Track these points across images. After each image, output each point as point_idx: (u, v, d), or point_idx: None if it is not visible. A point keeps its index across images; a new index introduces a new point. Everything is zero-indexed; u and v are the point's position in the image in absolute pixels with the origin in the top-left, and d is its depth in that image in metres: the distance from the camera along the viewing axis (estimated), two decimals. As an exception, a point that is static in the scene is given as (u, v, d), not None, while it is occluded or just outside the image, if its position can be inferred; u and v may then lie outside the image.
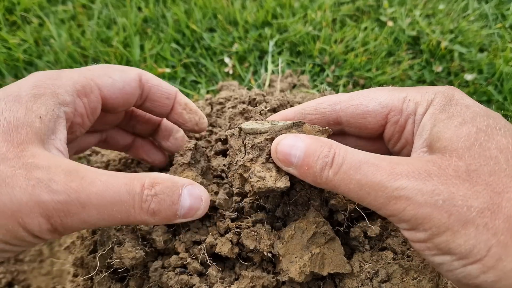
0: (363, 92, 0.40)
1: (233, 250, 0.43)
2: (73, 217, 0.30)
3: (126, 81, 0.42)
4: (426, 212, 0.28)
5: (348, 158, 0.32)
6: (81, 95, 0.38)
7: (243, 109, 0.55)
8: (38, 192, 0.29)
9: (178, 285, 0.43)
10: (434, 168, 0.30)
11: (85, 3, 1.09)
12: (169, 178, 0.34)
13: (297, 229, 0.42)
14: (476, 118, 0.32)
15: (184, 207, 0.34)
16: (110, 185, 0.31)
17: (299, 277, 0.39)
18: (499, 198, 0.28)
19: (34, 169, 0.29)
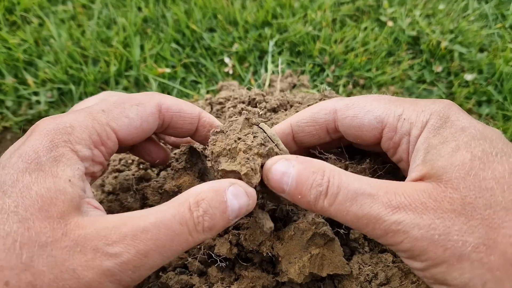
0: (359, 102, 0.39)
1: (232, 251, 0.43)
2: (140, 269, 0.30)
3: (143, 118, 0.39)
4: (422, 245, 0.29)
5: (343, 187, 0.31)
6: (98, 145, 0.36)
7: (242, 109, 0.55)
8: (99, 263, 0.28)
9: (178, 285, 0.43)
10: (430, 200, 0.30)
11: (85, 3, 1.10)
12: (209, 188, 0.33)
13: (297, 230, 0.42)
14: (471, 143, 0.31)
15: (235, 210, 0.33)
16: (162, 224, 0.30)
17: (298, 278, 0.39)
18: (495, 233, 0.28)
19: (85, 241, 0.29)
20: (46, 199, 0.29)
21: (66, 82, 0.92)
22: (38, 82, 0.92)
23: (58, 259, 0.28)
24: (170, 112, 0.41)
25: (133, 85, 0.94)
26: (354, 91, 0.94)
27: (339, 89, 0.94)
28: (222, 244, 0.43)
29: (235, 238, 0.44)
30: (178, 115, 0.42)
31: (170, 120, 0.42)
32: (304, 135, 0.42)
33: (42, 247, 0.28)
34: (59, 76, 0.92)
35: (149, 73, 0.94)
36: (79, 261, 0.28)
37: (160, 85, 0.94)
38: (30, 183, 0.30)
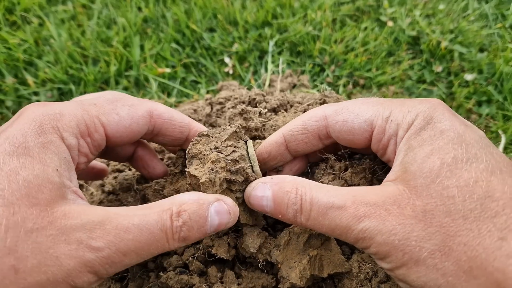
0: (349, 106, 0.39)
1: (230, 253, 0.43)
2: (117, 265, 0.31)
3: (133, 119, 0.40)
4: (385, 250, 0.31)
5: (314, 203, 0.34)
6: (84, 136, 0.36)
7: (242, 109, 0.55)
8: (81, 253, 0.29)
9: (178, 285, 0.43)
10: (394, 207, 0.31)
11: (85, 3, 1.10)
12: (194, 200, 0.34)
13: (292, 234, 0.42)
14: (445, 148, 0.32)
15: (214, 225, 0.35)
16: (144, 228, 0.31)
17: (300, 282, 0.39)
18: (451, 240, 0.29)
19: (70, 231, 0.30)
20: (34, 186, 0.30)
21: (66, 82, 0.92)
22: (38, 82, 0.92)
23: (42, 245, 0.28)
24: (161, 119, 0.42)
25: (133, 85, 0.94)
26: (354, 91, 0.94)
27: (339, 89, 0.94)
28: (220, 245, 0.43)
29: (233, 240, 0.44)
30: (168, 123, 0.43)
31: (160, 127, 0.43)
32: (297, 143, 0.42)
33: (27, 233, 0.28)
34: (59, 76, 0.92)
35: (149, 73, 0.94)
36: (63, 250, 0.29)
37: (160, 85, 0.94)
38: (18, 167, 0.30)
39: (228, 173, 0.39)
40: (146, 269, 0.47)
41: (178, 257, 0.44)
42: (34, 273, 0.28)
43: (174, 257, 0.44)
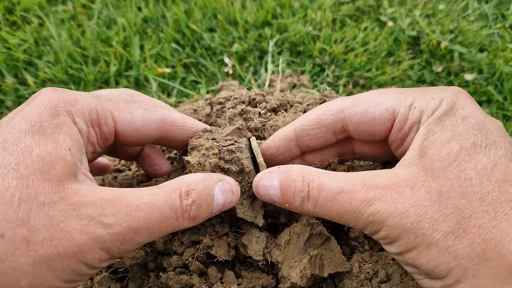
0: (366, 97, 0.39)
1: (230, 253, 0.43)
2: (128, 243, 0.31)
3: (146, 121, 0.40)
4: (396, 233, 0.30)
5: (323, 189, 0.34)
6: (94, 125, 0.37)
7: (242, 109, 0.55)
8: (93, 229, 0.30)
9: (178, 285, 0.43)
10: (407, 189, 0.31)
11: (85, 3, 1.10)
12: (200, 180, 0.35)
13: (292, 233, 0.42)
14: (465, 134, 0.32)
15: (219, 204, 0.36)
16: (154, 205, 0.32)
17: (301, 281, 0.39)
18: (466, 222, 0.29)
19: (81, 207, 0.30)
20: (47, 162, 0.31)
21: (66, 82, 0.92)
22: (38, 82, 0.92)
23: (54, 219, 0.29)
24: (174, 126, 0.43)
25: (133, 85, 0.94)
26: (354, 91, 0.94)
27: (339, 89, 0.94)
28: (220, 245, 0.43)
29: (233, 240, 0.44)
30: (182, 129, 0.43)
31: (173, 133, 0.43)
32: (310, 138, 0.42)
33: (39, 206, 0.29)
34: (59, 76, 0.92)
35: (149, 73, 0.94)
36: (74, 225, 0.29)
37: (160, 85, 0.94)
38: (32, 144, 0.31)
39: (222, 161, 0.39)
40: (146, 269, 0.47)
41: (178, 257, 0.44)
42: (45, 246, 0.28)
43: (174, 257, 0.44)
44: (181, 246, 0.45)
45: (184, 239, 0.45)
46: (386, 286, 0.40)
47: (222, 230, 0.44)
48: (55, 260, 0.29)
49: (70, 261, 0.29)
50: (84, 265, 0.30)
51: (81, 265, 0.30)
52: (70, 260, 0.29)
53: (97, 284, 0.46)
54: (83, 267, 0.30)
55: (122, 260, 0.42)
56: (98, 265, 0.31)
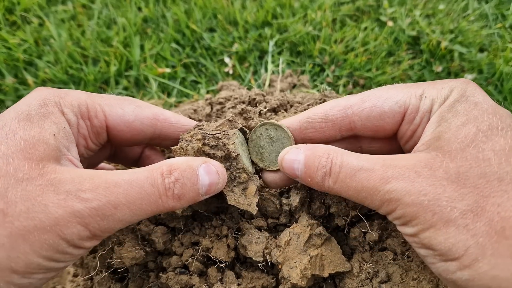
0: (375, 93, 0.39)
1: (229, 255, 0.43)
2: (109, 219, 0.31)
3: (137, 117, 0.41)
4: (413, 211, 0.31)
5: (344, 166, 0.34)
6: (84, 117, 0.38)
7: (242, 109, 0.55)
8: (70, 203, 0.30)
9: (178, 285, 0.43)
10: (425, 169, 0.31)
11: (85, 3, 1.09)
12: (183, 161, 0.36)
13: (292, 234, 0.42)
14: (480, 117, 0.32)
15: (205, 185, 0.36)
16: (134, 182, 0.32)
17: (301, 282, 0.39)
18: (484, 201, 0.29)
19: (59, 183, 0.30)
20: (29, 144, 0.32)
21: (66, 82, 0.92)
22: (38, 82, 0.92)
23: (31, 194, 0.29)
24: (167, 123, 0.43)
25: (133, 85, 0.94)
26: (354, 91, 0.94)
27: (339, 89, 0.94)
28: (219, 247, 0.43)
29: (233, 242, 0.44)
30: (176, 126, 0.43)
31: (167, 131, 0.43)
32: (314, 131, 0.42)
33: (17, 182, 0.30)
34: (59, 76, 0.92)
35: (149, 73, 0.94)
36: (51, 199, 0.30)
37: (160, 85, 0.94)
38: (17, 128, 0.32)
39: (207, 147, 0.39)
40: (146, 269, 0.47)
41: (178, 258, 0.44)
42: (22, 218, 0.29)
43: (174, 257, 0.44)
44: (181, 246, 0.45)
45: (184, 240, 0.45)
46: (387, 286, 0.40)
47: (222, 232, 0.44)
48: (32, 232, 0.29)
49: (47, 234, 0.29)
50: (63, 241, 0.30)
51: (60, 241, 0.30)
52: (47, 233, 0.29)
53: (97, 284, 0.46)
54: (62, 243, 0.30)
55: (122, 260, 0.42)
56: (79, 243, 0.31)
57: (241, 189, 0.41)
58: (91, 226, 0.31)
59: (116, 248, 0.43)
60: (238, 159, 0.40)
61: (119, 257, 0.42)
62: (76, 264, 0.51)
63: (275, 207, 0.45)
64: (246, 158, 0.42)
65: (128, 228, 0.45)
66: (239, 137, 0.42)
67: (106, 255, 0.43)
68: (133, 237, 0.44)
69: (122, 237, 0.44)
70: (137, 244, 0.44)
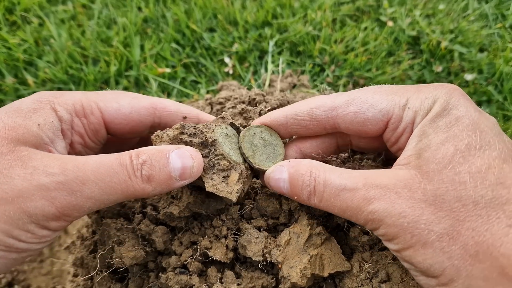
0: (360, 96, 0.39)
1: (228, 255, 0.43)
2: (76, 195, 0.31)
3: (134, 108, 0.41)
4: (394, 231, 0.32)
5: (328, 185, 0.35)
6: (79, 115, 0.38)
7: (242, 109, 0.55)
8: (36, 177, 0.30)
9: (178, 285, 0.43)
10: (405, 190, 0.32)
11: (85, 3, 1.10)
12: (155, 147, 0.37)
13: (292, 234, 0.42)
14: (459, 135, 0.32)
15: (177, 168, 0.35)
16: (102, 161, 0.33)
17: (301, 281, 0.39)
18: (460, 225, 0.30)
19: (28, 160, 0.31)
20: (9, 127, 0.33)
21: (66, 82, 0.92)
22: (38, 82, 0.92)
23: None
24: (166, 111, 0.43)
25: (133, 85, 0.94)
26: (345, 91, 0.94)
27: (339, 89, 0.94)
28: (218, 248, 0.43)
29: (232, 242, 0.44)
30: (175, 115, 0.43)
31: (167, 120, 0.43)
32: (300, 128, 0.42)
33: None
34: (59, 76, 0.92)
35: (149, 73, 0.94)
36: (18, 172, 0.30)
37: (160, 85, 0.94)
38: (4, 117, 0.33)
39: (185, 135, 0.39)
40: (146, 269, 0.47)
41: (177, 258, 0.44)
42: None
43: (173, 257, 0.44)
44: (181, 246, 0.45)
45: (184, 240, 0.45)
46: (387, 286, 0.40)
47: (221, 232, 0.44)
48: None
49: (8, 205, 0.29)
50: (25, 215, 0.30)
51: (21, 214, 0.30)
52: (8, 204, 0.29)
53: (97, 284, 0.46)
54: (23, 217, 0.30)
55: (122, 260, 0.42)
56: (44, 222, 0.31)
57: (222, 177, 0.40)
58: (57, 201, 0.31)
59: (116, 247, 0.43)
60: (216, 145, 0.40)
61: (119, 256, 0.42)
62: (76, 264, 0.51)
63: (275, 207, 0.45)
64: (231, 148, 0.42)
65: (128, 228, 0.45)
66: (224, 129, 0.42)
67: (106, 255, 0.44)
68: (133, 236, 0.44)
69: (122, 237, 0.44)
70: (137, 244, 0.44)
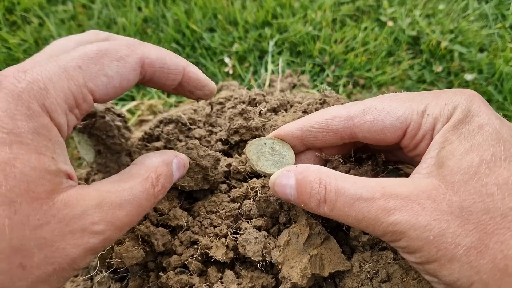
0: (376, 104, 0.38)
1: (228, 255, 0.43)
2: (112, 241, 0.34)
3: (123, 76, 0.36)
4: (418, 245, 0.31)
5: (341, 194, 0.33)
6: (72, 109, 0.33)
7: (242, 109, 0.55)
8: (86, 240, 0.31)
9: (178, 285, 0.43)
10: (428, 202, 0.31)
11: (85, 3, 1.10)
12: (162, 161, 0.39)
13: (292, 234, 0.42)
14: (484, 145, 0.31)
15: (175, 178, 0.41)
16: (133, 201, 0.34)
17: (302, 281, 0.39)
18: (488, 238, 0.29)
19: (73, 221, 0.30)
20: (32, 180, 0.28)
21: (66, 82, 0.92)
22: (38, 82, 0.92)
23: (48, 240, 0.29)
24: (153, 68, 0.39)
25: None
26: (354, 91, 0.94)
27: (339, 89, 0.94)
28: (218, 247, 0.43)
29: (232, 242, 0.44)
30: (160, 71, 0.39)
31: (152, 76, 0.39)
32: (316, 140, 0.41)
33: (31, 231, 0.28)
34: (59, 76, 0.92)
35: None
36: (68, 241, 0.30)
37: (160, 85, 0.94)
38: (12, 159, 0.27)
39: None
40: (146, 269, 0.47)
41: (177, 257, 0.44)
42: (42, 266, 0.29)
43: (174, 257, 0.44)
44: (181, 246, 0.45)
45: (184, 239, 0.45)
46: (387, 286, 0.40)
47: (221, 232, 0.44)
48: (51, 275, 0.29)
49: (65, 272, 0.30)
50: (76, 271, 0.32)
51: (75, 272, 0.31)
52: (65, 272, 0.30)
53: (97, 284, 0.46)
54: (76, 272, 0.32)
55: (122, 260, 0.42)
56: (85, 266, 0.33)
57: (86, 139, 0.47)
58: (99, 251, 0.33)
59: (116, 248, 0.43)
60: None
61: (119, 257, 0.42)
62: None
63: (275, 207, 0.45)
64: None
65: (128, 228, 0.45)
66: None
67: (106, 255, 0.44)
68: (133, 237, 0.44)
69: (122, 237, 0.44)
70: (137, 244, 0.44)
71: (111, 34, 0.41)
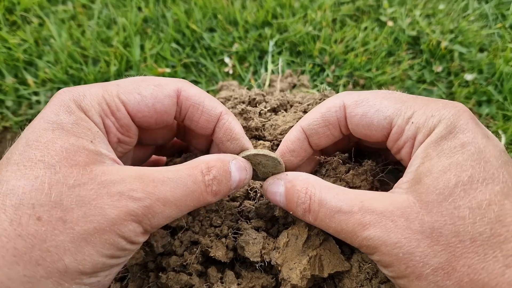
0: (369, 99, 0.38)
1: (228, 255, 0.43)
2: (159, 216, 0.33)
3: (157, 98, 0.38)
4: (389, 260, 0.32)
5: (323, 205, 0.35)
6: (107, 115, 0.37)
7: (242, 109, 0.55)
8: (124, 203, 0.31)
9: (178, 285, 0.43)
10: (402, 219, 0.32)
11: (85, 3, 1.10)
12: (217, 158, 0.38)
13: (291, 235, 0.42)
14: (463, 165, 0.31)
15: (236, 181, 0.39)
16: (178, 180, 0.34)
17: (301, 282, 0.39)
18: (456, 261, 0.29)
19: (111, 185, 0.31)
20: (71, 151, 0.32)
21: (66, 82, 0.92)
22: (38, 82, 0.92)
23: (86, 198, 0.30)
24: (188, 102, 0.40)
25: (133, 85, 0.94)
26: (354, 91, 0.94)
27: (339, 89, 0.94)
28: (218, 247, 0.43)
29: (232, 242, 0.44)
30: (196, 107, 0.40)
31: (187, 110, 0.40)
32: (319, 137, 0.41)
33: (70, 188, 0.30)
34: (59, 76, 0.92)
35: (149, 73, 0.94)
36: (106, 201, 0.31)
37: (160, 85, 0.94)
38: (54, 138, 0.32)
39: None
40: (146, 269, 0.47)
41: (177, 258, 0.44)
42: (81, 223, 0.30)
43: (174, 257, 0.44)
44: (181, 246, 0.45)
45: (184, 239, 0.45)
46: (386, 287, 0.40)
47: (222, 232, 0.44)
48: (93, 235, 0.30)
49: (107, 234, 0.30)
50: (121, 239, 0.31)
51: (119, 239, 0.31)
52: (106, 233, 0.30)
53: (97, 284, 0.46)
54: (121, 240, 0.31)
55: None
56: (136, 239, 0.33)
57: None
58: (144, 223, 0.32)
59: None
60: None
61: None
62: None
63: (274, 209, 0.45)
64: None
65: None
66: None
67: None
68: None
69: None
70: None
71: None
